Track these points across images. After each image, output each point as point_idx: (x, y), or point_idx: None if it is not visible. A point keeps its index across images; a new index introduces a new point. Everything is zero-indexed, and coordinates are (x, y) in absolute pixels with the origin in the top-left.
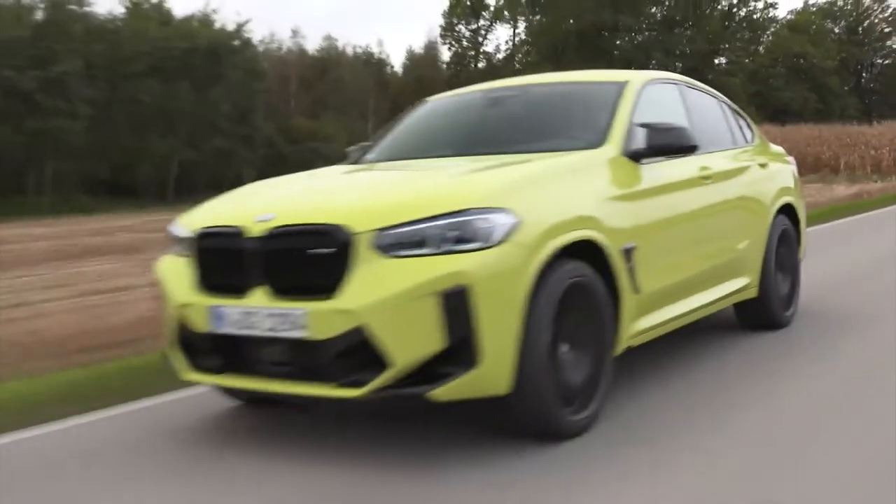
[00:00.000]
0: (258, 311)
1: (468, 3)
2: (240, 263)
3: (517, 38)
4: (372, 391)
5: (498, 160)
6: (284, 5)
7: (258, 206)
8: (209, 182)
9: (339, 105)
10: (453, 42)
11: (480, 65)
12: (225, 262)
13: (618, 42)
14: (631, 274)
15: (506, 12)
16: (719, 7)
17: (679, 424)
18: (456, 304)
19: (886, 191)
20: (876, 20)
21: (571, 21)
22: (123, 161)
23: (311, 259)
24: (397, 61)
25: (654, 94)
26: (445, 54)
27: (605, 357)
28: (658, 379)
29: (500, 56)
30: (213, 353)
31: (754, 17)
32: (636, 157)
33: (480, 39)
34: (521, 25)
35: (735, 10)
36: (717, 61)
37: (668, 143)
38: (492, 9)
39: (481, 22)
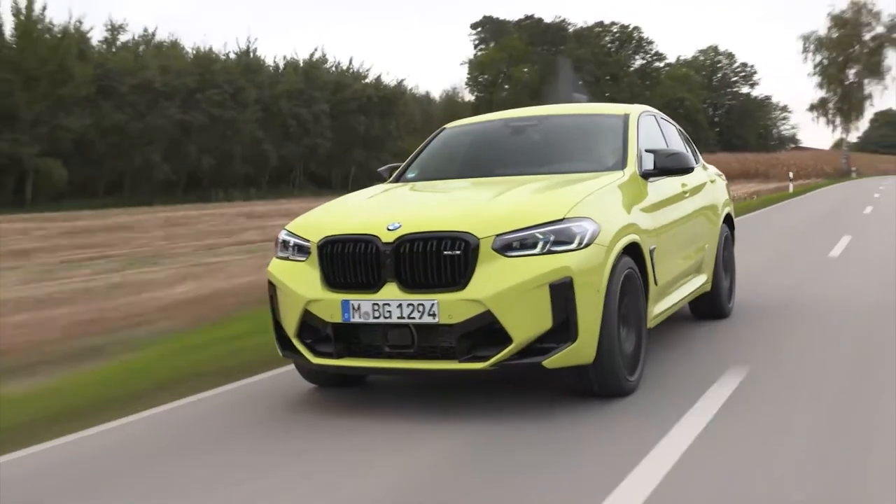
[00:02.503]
0: (391, 303)
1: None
2: (374, 264)
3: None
4: (493, 364)
5: (552, 180)
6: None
7: (382, 216)
8: (367, 180)
9: (415, 129)
10: (474, 88)
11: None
12: (358, 263)
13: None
14: (653, 269)
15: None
16: (634, 67)
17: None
18: (562, 293)
19: (807, 185)
20: (727, 71)
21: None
22: (335, 164)
23: (441, 259)
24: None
25: (645, 124)
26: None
27: (643, 332)
28: (667, 351)
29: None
30: (336, 340)
31: (656, 72)
32: (646, 176)
33: (494, 88)
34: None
35: (647, 68)
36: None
37: (672, 165)
38: (504, 68)
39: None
